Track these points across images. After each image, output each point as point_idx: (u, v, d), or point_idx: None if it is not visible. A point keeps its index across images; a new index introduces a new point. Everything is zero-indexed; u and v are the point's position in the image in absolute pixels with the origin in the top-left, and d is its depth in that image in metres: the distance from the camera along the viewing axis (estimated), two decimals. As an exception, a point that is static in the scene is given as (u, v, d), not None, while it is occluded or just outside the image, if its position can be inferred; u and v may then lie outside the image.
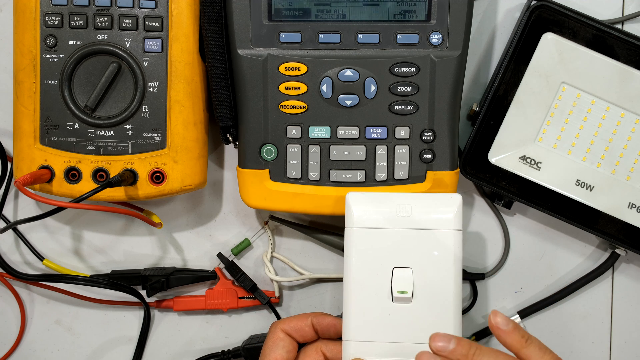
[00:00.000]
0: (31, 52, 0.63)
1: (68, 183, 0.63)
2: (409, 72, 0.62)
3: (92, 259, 0.72)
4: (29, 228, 0.71)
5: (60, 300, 0.72)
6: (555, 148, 0.66)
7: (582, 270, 0.71)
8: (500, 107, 0.65)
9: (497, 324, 0.53)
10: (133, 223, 0.71)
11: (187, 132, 0.64)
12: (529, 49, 0.64)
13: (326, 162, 0.64)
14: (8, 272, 0.69)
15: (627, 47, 0.64)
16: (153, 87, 0.63)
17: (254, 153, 0.64)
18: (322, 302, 0.71)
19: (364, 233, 0.58)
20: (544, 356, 0.52)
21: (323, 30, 0.62)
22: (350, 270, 0.58)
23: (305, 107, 0.63)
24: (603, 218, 0.66)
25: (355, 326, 0.58)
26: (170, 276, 0.69)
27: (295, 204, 0.64)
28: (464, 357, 0.52)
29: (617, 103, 0.65)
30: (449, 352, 0.52)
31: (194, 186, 0.65)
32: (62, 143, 0.63)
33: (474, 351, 0.52)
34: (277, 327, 0.61)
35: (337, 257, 0.71)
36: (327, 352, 0.60)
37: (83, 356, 0.73)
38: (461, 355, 0.52)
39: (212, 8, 0.62)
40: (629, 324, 0.71)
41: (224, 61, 0.63)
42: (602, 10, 0.68)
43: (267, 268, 0.70)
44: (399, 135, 0.63)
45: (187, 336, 0.72)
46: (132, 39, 0.63)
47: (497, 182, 0.66)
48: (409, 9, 0.62)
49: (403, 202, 0.58)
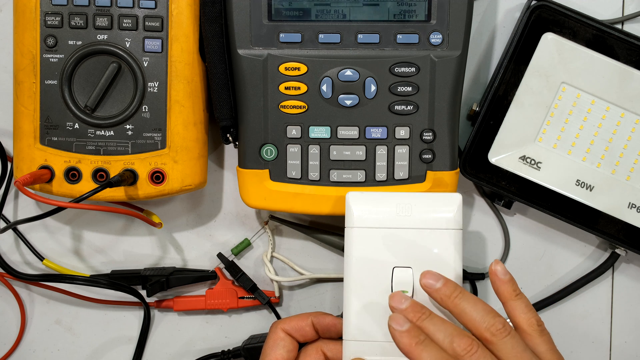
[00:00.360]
0: (31, 52, 0.63)
1: (68, 183, 0.63)
2: (409, 72, 0.62)
3: (92, 259, 0.72)
4: (29, 228, 0.71)
5: (60, 300, 0.72)
6: (555, 148, 0.66)
7: (582, 270, 0.71)
8: (500, 107, 0.65)
9: (495, 271, 0.56)
10: (133, 223, 0.71)
11: (187, 132, 0.64)
12: (529, 49, 0.64)
13: (326, 162, 0.64)
14: (8, 272, 0.69)
15: (627, 47, 0.64)
16: (153, 87, 0.63)
17: (254, 153, 0.64)
18: (322, 302, 0.71)
19: (364, 233, 0.58)
20: (528, 313, 0.54)
21: (323, 30, 0.62)
22: (351, 270, 0.58)
23: (305, 107, 0.63)
24: (603, 218, 0.66)
25: (356, 326, 0.58)
26: (170, 276, 0.69)
27: (295, 204, 0.64)
28: (446, 298, 0.54)
29: (617, 103, 0.65)
30: (434, 290, 0.55)
31: (194, 186, 0.65)
32: (62, 143, 0.63)
33: (457, 294, 0.54)
34: (277, 327, 0.61)
35: (337, 257, 0.71)
36: (328, 351, 0.60)
37: (83, 356, 0.73)
38: (445, 295, 0.54)
39: (212, 8, 0.62)
40: (629, 324, 0.71)
41: (224, 61, 0.63)
42: (602, 10, 0.68)
43: (267, 268, 0.70)
44: (399, 135, 0.63)
45: (187, 336, 0.72)
46: (132, 39, 0.63)
47: (497, 182, 0.66)
48: (409, 9, 0.62)
49: (403, 201, 0.58)
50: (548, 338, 0.54)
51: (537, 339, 0.54)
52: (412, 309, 0.54)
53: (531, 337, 0.54)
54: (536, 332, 0.54)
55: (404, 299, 0.55)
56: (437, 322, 0.53)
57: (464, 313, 0.53)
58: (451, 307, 0.54)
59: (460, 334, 0.52)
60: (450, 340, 0.52)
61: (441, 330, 0.53)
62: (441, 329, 0.53)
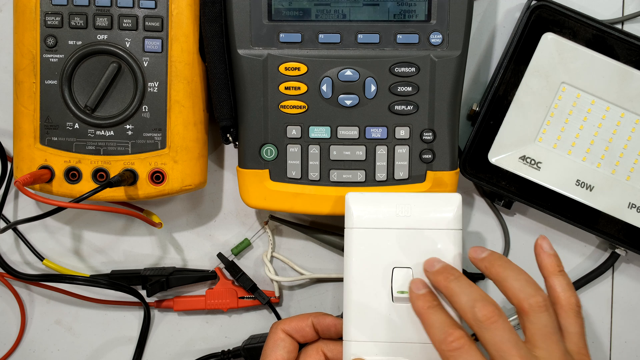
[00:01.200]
0: (31, 52, 0.63)
1: (68, 183, 0.63)
2: (409, 72, 0.62)
3: (92, 259, 0.72)
4: (29, 228, 0.71)
5: (60, 300, 0.72)
6: (555, 148, 0.66)
7: (582, 270, 0.71)
8: (500, 107, 0.65)
9: (541, 245, 0.56)
10: (133, 223, 0.71)
11: (187, 132, 0.64)
12: (529, 49, 0.64)
13: (326, 162, 0.64)
14: (8, 272, 0.69)
15: (627, 47, 0.64)
16: (153, 87, 0.63)
17: (254, 153, 0.64)
18: (322, 302, 0.71)
19: (363, 233, 0.58)
20: (569, 291, 0.54)
21: (323, 30, 0.62)
22: (350, 271, 0.58)
23: (305, 107, 0.63)
24: (603, 218, 0.66)
25: (356, 326, 0.58)
26: (170, 276, 0.69)
27: (295, 204, 0.64)
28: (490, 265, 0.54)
29: (617, 103, 0.65)
30: (480, 260, 0.55)
31: (194, 186, 0.65)
32: (62, 143, 0.63)
33: (501, 262, 0.54)
34: (277, 328, 0.61)
35: (337, 257, 0.71)
36: (328, 352, 0.60)
37: (83, 356, 0.73)
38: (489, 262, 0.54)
39: (212, 8, 0.62)
40: (629, 324, 0.71)
41: (224, 61, 0.63)
42: (602, 10, 0.68)
43: (267, 268, 0.70)
44: (399, 135, 0.63)
45: (187, 336, 0.72)
46: (132, 39, 0.63)
47: (497, 182, 0.66)
48: (409, 9, 0.62)
49: (403, 202, 0.58)
50: (582, 322, 0.53)
51: (572, 318, 0.53)
52: (442, 270, 0.55)
53: (567, 315, 0.53)
54: (573, 312, 0.53)
55: (437, 262, 0.56)
56: (464, 285, 0.53)
57: (506, 281, 0.52)
58: (494, 274, 0.53)
59: (484, 299, 0.51)
60: (472, 305, 0.51)
61: (466, 293, 0.52)
62: (466, 291, 0.52)
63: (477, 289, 0.53)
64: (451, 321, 0.52)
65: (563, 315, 0.53)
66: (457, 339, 0.51)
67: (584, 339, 0.53)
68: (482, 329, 0.51)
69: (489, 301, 0.51)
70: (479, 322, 0.50)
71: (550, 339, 0.51)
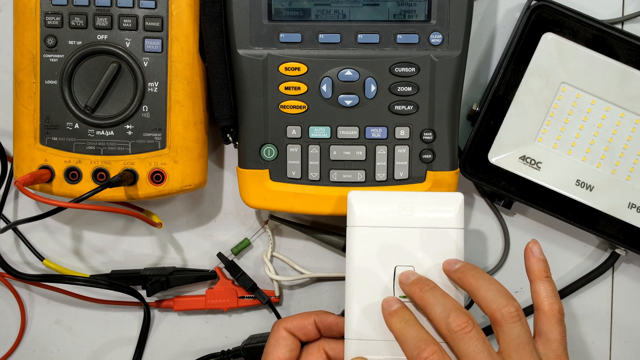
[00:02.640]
0: (31, 52, 0.63)
1: (68, 183, 0.63)
2: (409, 72, 0.62)
3: (92, 259, 0.72)
4: (29, 228, 0.71)
5: (60, 301, 0.72)
6: (555, 148, 0.66)
7: (582, 270, 0.71)
8: (500, 107, 0.65)
9: (531, 249, 0.56)
10: (133, 223, 0.71)
11: (187, 132, 0.64)
12: (529, 49, 0.64)
13: (326, 162, 0.64)
14: (8, 272, 0.69)
15: (627, 47, 0.64)
16: (153, 87, 0.63)
17: (254, 153, 0.64)
18: (322, 302, 0.71)
19: (365, 232, 0.58)
20: (553, 297, 0.54)
21: (323, 30, 0.62)
22: (352, 269, 0.58)
23: (305, 107, 0.63)
24: (603, 218, 0.66)
25: (357, 325, 0.58)
26: (170, 276, 0.69)
27: (295, 204, 0.64)
28: (463, 275, 0.54)
29: (617, 103, 0.65)
30: (453, 271, 0.56)
31: (194, 186, 0.65)
32: (62, 143, 0.63)
33: (474, 273, 0.54)
34: (279, 326, 0.61)
35: (337, 256, 0.71)
36: (330, 350, 0.60)
37: (83, 356, 0.73)
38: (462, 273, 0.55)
39: (212, 8, 0.62)
40: (629, 324, 0.71)
41: (224, 61, 0.63)
42: (602, 10, 0.68)
43: (267, 267, 0.70)
44: (399, 135, 0.63)
45: (187, 336, 0.72)
46: (132, 39, 0.63)
47: (497, 182, 0.66)
48: (409, 9, 0.62)
49: (405, 200, 0.58)
50: (563, 330, 0.53)
51: (553, 325, 0.53)
52: (417, 281, 0.55)
53: (549, 321, 0.53)
54: (555, 319, 0.53)
55: (412, 275, 0.56)
56: (439, 295, 0.53)
57: (478, 291, 0.53)
58: (467, 285, 0.54)
59: (458, 309, 0.52)
60: (446, 315, 0.51)
61: (440, 303, 0.53)
62: (441, 302, 0.53)
63: (451, 299, 0.53)
64: (425, 335, 0.52)
65: (545, 321, 0.53)
66: (430, 354, 0.51)
67: (564, 345, 0.53)
68: (456, 340, 0.51)
69: (463, 312, 0.52)
70: (453, 332, 0.51)
71: (524, 350, 0.51)
